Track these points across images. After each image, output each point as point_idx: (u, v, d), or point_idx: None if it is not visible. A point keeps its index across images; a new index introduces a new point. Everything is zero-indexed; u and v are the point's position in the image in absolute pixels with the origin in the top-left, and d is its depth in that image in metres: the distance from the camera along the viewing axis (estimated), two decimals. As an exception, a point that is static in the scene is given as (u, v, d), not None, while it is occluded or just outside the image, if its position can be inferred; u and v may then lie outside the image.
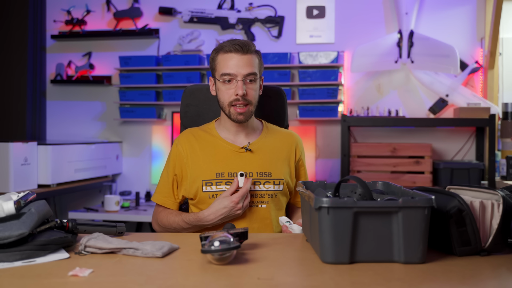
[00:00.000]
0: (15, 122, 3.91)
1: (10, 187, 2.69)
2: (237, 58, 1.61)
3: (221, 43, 1.66)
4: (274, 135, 1.76)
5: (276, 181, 1.67)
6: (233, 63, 1.60)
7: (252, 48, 1.63)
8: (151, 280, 0.99)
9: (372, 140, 3.52)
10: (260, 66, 1.67)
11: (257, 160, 1.67)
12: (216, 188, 1.62)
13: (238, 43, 1.61)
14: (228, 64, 1.61)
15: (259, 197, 1.65)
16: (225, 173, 1.63)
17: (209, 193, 1.63)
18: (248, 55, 1.62)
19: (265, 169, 1.67)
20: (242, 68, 1.60)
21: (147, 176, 3.79)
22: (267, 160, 1.69)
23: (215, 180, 1.63)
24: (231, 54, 1.61)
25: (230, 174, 1.63)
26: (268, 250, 1.23)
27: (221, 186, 1.62)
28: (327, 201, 1.07)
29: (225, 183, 1.62)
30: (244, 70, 1.60)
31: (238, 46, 1.60)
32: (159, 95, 3.73)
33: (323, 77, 3.45)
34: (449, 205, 1.15)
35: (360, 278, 1.00)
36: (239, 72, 1.60)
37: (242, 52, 1.61)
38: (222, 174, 1.63)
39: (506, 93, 3.47)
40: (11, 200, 1.17)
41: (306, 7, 3.58)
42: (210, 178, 1.63)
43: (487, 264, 1.11)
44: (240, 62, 1.60)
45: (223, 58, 1.62)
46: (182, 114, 1.91)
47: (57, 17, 3.88)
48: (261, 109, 1.90)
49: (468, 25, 3.43)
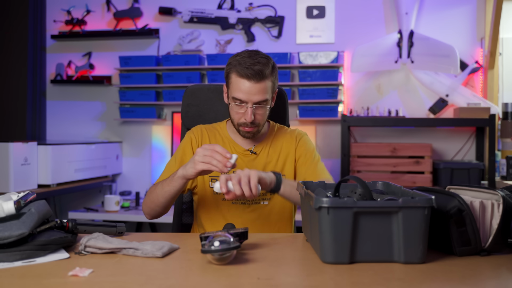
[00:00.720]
0: (15, 122, 3.91)
1: (10, 187, 2.69)
2: (250, 85, 1.57)
3: (238, 58, 1.60)
4: (278, 135, 1.78)
5: None
6: (245, 89, 1.57)
7: (267, 73, 1.58)
8: (151, 280, 0.99)
9: (372, 140, 3.52)
10: (273, 87, 1.64)
11: (261, 162, 1.71)
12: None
13: (252, 71, 1.55)
14: (241, 89, 1.58)
15: (261, 194, 1.67)
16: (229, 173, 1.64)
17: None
18: (261, 83, 1.58)
19: (267, 169, 1.69)
20: (254, 96, 1.58)
21: (147, 176, 3.79)
22: (270, 160, 1.72)
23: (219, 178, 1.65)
24: (243, 80, 1.57)
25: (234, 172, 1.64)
26: (268, 250, 1.23)
27: None
28: (327, 201, 1.07)
29: None
30: (255, 98, 1.58)
31: (252, 73, 1.55)
32: (159, 95, 3.73)
33: (323, 77, 3.45)
34: (449, 205, 1.15)
35: (360, 278, 1.00)
36: (250, 99, 1.58)
37: (255, 80, 1.56)
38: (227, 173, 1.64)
39: (506, 93, 3.47)
40: (11, 200, 1.17)
41: (306, 7, 3.58)
42: (215, 175, 1.67)
43: (487, 264, 1.11)
44: (252, 89, 1.57)
45: (236, 81, 1.59)
46: (183, 114, 1.92)
47: (57, 17, 3.88)
48: None
49: (468, 25, 3.43)
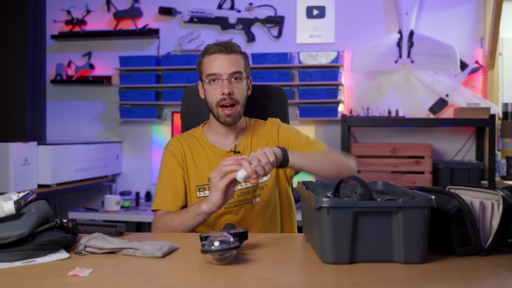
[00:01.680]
0: (15, 122, 3.91)
1: (10, 187, 2.69)
2: (222, 58, 1.62)
3: (206, 47, 1.67)
4: (257, 129, 1.76)
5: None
6: (217, 63, 1.61)
7: (237, 48, 1.65)
8: (151, 280, 0.99)
9: (372, 140, 3.52)
10: (246, 66, 1.68)
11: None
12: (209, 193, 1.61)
13: (222, 44, 1.63)
14: (213, 65, 1.62)
15: (252, 192, 1.66)
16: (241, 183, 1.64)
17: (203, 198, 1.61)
18: (232, 55, 1.63)
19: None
20: (227, 68, 1.61)
21: (147, 176, 3.79)
22: None
23: (207, 185, 1.65)
24: (215, 55, 1.62)
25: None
26: (268, 250, 1.23)
27: None
28: (327, 201, 1.07)
29: None
30: (228, 69, 1.61)
31: (222, 47, 1.62)
32: (159, 95, 3.73)
33: (323, 77, 3.45)
34: (449, 205, 1.15)
35: (360, 278, 1.00)
36: (224, 71, 1.61)
37: (226, 52, 1.62)
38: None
39: (506, 93, 3.47)
40: (11, 200, 1.17)
41: (306, 7, 3.58)
42: (202, 184, 1.65)
43: (487, 264, 1.11)
44: (224, 61, 1.61)
45: (208, 60, 1.63)
46: (182, 114, 1.92)
47: (57, 17, 3.88)
48: (262, 108, 1.90)
49: (468, 25, 3.43)
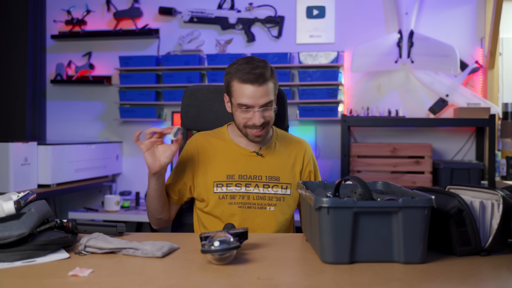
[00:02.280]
0: (15, 122, 3.91)
1: (10, 187, 2.69)
2: (253, 89, 1.57)
3: (236, 66, 1.61)
4: (284, 141, 1.78)
5: (284, 185, 1.69)
6: (250, 95, 1.58)
7: (268, 75, 1.59)
8: (151, 280, 0.99)
9: (372, 140, 3.52)
10: (275, 88, 1.65)
11: (267, 165, 1.70)
12: (226, 190, 1.65)
13: (254, 74, 1.56)
14: (245, 95, 1.58)
15: (268, 199, 1.67)
16: (235, 175, 1.67)
17: (219, 194, 1.65)
18: (264, 86, 1.58)
19: (274, 173, 1.69)
20: (259, 99, 1.58)
21: (147, 176, 3.78)
22: (277, 165, 1.71)
23: (225, 182, 1.66)
24: (247, 85, 1.58)
25: (240, 176, 1.66)
26: (268, 250, 1.23)
27: (231, 188, 1.65)
28: (327, 201, 1.07)
29: (235, 185, 1.65)
30: (261, 101, 1.59)
31: (254, 77, 1.56)
32: (159, 95, 3.73)
33: (323, 77, 3.45)
34: (449, 205, 1.15)
35: (360, 278, 1.00)
36: (256, 103, 1.59)
37: (258, 83, 1.57)
38: (233, 176, 1.67)
39: (506, 93, 3.47)
40: (11, 200, 1.17)
41: (306, 7, 3.58)
42: (220, 180, 1.66)
43: (487, 264, 1.11)
44: (257, 93, 1.58)
45: (239, 88, 1.59)
46: (182, 114, 1.92)
47: (57, 17, 3.88)
48: None
49: (468, 25, 3.43)
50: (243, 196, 1.65)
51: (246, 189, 1.65)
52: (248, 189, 1.65)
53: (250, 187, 1.66)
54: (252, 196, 1.66)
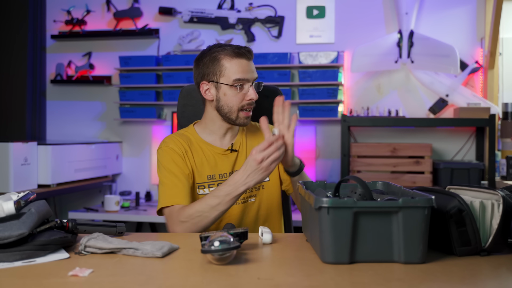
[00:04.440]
0: (15, 122, 3.91)
1: (10, 187, 2.70)
2: (247, 63, 1.62)
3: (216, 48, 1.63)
4: (250, 130, 1.78)
5: None
6: (245, 69, 1.61)
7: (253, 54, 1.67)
8: (151, 280, 0.99)
9: (372, 140, 3.52)
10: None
11: (243, 158, 1.70)
12: (209, 191, 1.63)
13: (245, 49, 1.62)
14: (241, 69, 1.60)
15: (248, 192, 1.67)
16: (215, 175, 1.66)
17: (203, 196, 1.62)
18: (252, 61, 1.65)
19: None
20: (253, 73, 1.63)
21: (147, 176, 3.79)
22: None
23: (207, 183, 1.65)
24: (240, 60, 1.61)
25: (220, 175, 1.66)
26: (268, 250, 1.23)
27: (213, 188, 1.64)
28: (327, 201, 1.07)
29: (216, 185, 1.64)
30: (254, 75, 1.63)
31: (247, 52, 1.62)
32: (159, 95, 3.73)
33: (323, 77, 3.45)
34: (449, 205, 1.15)
35: (360, 278, 1.00)
36: (251, 76, 1.62)
37: (249, 58, 1.63)
38: (213, 176, 1.66)
39: (506, 93, 3.47)
40: (11, 200, 1.17)
41: (306, 7, 3.58)
42: (202, 181, 1.65)
43: (487, 264, 1.11)
44: (249, 67, 1.62)
45: (232, 64, 1.60)
46: (179, 114, 1.91)
47: (57, 17, 3.88)
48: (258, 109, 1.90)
49: (468, 25, 3.43)
50: None
51: None
52: None
53: None
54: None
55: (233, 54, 1.60)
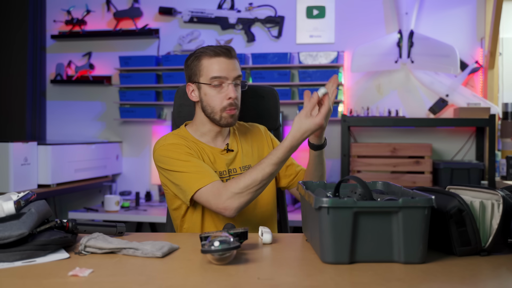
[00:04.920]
0: (15, 122, 3.91)
1: (10, 187, 2.69)
2: (226, 61, 1.60)
3: (200, 49, 1.64)
4: (242, 130, 1.79)
5: None
6: (223, 67, 1.60)
7: (234, 52, 1.64)
8: (151, 280, 0.99)
9: (372, 140, 3.52)
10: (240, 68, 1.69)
11: (239, 157, 1.71)
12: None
13: (224, 47, 1.61)
14: (219, 68, 1.60)
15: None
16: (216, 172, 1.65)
17: None
18: (233, 59, 1.63)
19: (246, 162, 1.71)
20: (232, 71, 1.61)
21: (147, 176, 3.79)
22: (246, 153, 1.73)
23: None
24: (219, 58, 1.60)
25: (220, 173, 1.66)
26: (268, 250, 1.23)
27: None
28: (327, 201, 1.07)
29: None
30: (234, 73, 1.61)
31: (225, 50, 1.61)
32: (159, 95, 3.73)
33: (323, 77, 3.45)
34: (449, 205, 1.15)
35: (360, 278, 1.00)
36: (230, 75, 1.61)
37: (229, 56, 1.61)
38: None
39: (506, 93, 3.47)
40: (11, 200, 1.17)
41: (306, 7, 3.58)
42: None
43: (487, 264, 1.11)
44: (229, 65, 1.61)
45: (211, 62, 1.60)
46: (175, 114, 1.90)
47: (57, 17, 3.88)
48: (254, 109, 1.90)
49: (468, 25, 3.43)
50: None
51: None
52: None
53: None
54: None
55: (212, 54, 1.60)
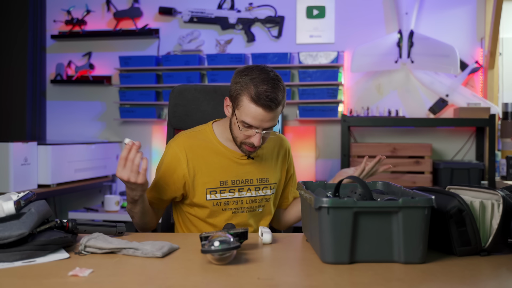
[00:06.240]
0: (15, 122, 3.91)
1: (10, 187, 2.69)
2: (263, 114, 1.49)
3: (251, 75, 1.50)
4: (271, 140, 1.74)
5: (272, 186, 1.70)
6: (258, 118, 1.49)
7: (280, 98, 1.50)
8: (151, 280, 0.99)
9: (372, 140, 3.52)
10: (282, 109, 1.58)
11: (257, 167, 1.67)
12: (220, 196, 1.61)
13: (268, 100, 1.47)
14: (252, 116, 1.49)
15: (258, 202, 1.68)
16: (228, 181, 1.63)
17: (213, 201, 1.61)
18: (272, 112, 1.50)
19: (264, 175, 1.68)
20: (265, 123, 1.51)
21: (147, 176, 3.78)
22: (265, 166, 1.69)
23: (219, 188, 1.62)
24: (257, 108, 1.48)
25: (233, 181, 1.63)
26: (268, 250, 1.23)
27: (225, 194, 1.62)
28: (327, 201, 1.07)
29: (228, 191, 1.62)
30: (266, 125, 1.52)
31: (269, 102, 1.47)
32: (159, 95, 3.73)
33: (323, 77, 3.45)
34: (449, 205, 1.15)
35: (360, 278, 1.00)
36: (261, 125, 1.52)
37: (269, 110, 1.49)
38: (226, 182, 1.62)
39: (506, 93, 3.47)
40: (11, 200, 1.17)
41: (306, 7, 3.58)
42: (214, 187, 1.61)
43: (487, 264, 1.11)
44: (265, 117, 1.50)
45: (248, 107, 1.49)
46: (170, 114, 1.90)
47: (57, 17, 3.88)
48: None
49: (468, 25, 3.43)
50: (236, 201, 1.63)
51: (240, 194, 1.63)
52: (241, 194, 1.63)
53: (243, 192, 1.64)
54: (245, 201, 1.65)
55: (255, 98, 1.48)
